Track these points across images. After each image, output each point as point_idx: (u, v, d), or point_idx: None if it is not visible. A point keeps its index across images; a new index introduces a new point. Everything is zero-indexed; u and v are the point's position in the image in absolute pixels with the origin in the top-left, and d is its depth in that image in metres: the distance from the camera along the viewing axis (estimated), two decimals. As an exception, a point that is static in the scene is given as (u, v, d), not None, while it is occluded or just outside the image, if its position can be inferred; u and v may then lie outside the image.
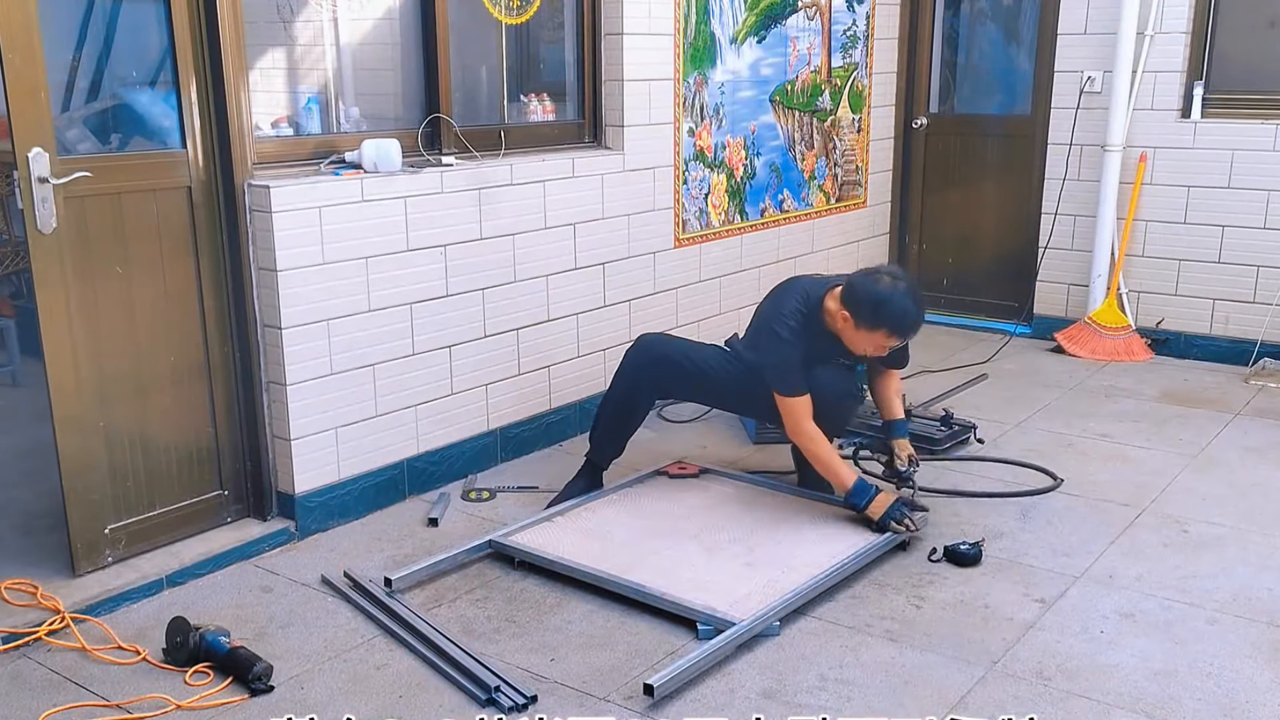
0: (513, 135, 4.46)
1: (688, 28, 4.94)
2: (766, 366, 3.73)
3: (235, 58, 3.47)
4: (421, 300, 3.97)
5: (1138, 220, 5.89)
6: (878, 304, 3.56)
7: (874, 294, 3.57)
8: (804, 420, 3.67)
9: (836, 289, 3.67)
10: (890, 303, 3.55)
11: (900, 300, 3.56)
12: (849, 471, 3.71)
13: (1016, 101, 6.53)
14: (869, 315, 3.57)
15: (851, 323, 3.60)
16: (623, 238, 4.78)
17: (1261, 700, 2.81)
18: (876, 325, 3.58)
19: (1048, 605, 3.30)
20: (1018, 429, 4.81)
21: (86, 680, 2.90)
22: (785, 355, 3.67)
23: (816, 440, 3.69)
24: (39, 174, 3.07)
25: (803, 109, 5.77)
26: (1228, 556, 3.61)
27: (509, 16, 4.47)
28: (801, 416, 3.67)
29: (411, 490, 4.06)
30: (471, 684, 2.85)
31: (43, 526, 3.69)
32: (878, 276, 3.64)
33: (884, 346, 3.66)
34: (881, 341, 3.63)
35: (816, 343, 3.69)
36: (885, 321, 3.57)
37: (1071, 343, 5.98)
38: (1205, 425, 4.85)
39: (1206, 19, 5.68)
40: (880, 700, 2.82)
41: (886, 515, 3.60)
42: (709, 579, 3.34)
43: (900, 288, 3.58)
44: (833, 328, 3.67)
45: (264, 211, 3.51)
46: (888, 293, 3.56)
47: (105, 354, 3.33)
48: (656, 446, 4.54)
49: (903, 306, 3.56)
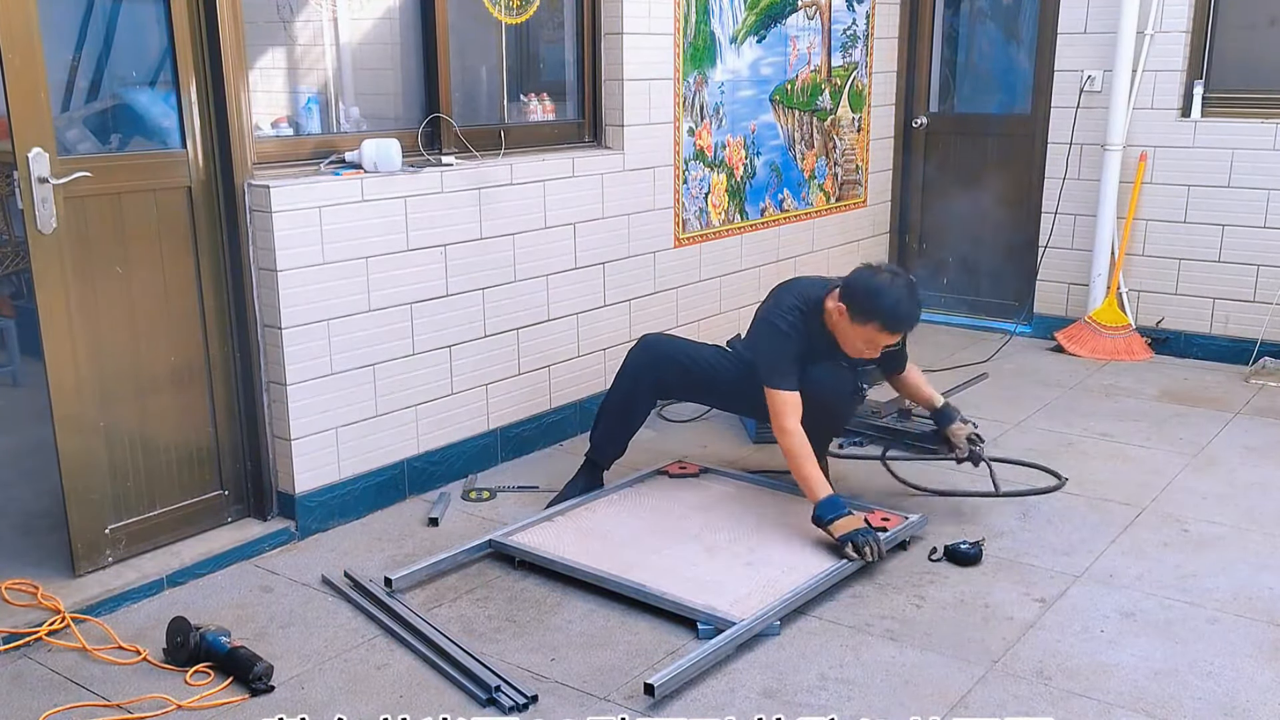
0: (513, 135, 4.46)
1: (687, 27, 4.94)
2: (759, 357, 3.70)
3: (235, 57, 3.46)
4: (421, 300, 3.96)
5: (1138, 219, 5.89)
6: (871, 295, 3.53)
7: (870, 285, 3.55)
8: (788, 418, 3.58)
9: (836, 290, 3.66)
10: (885, 294, 3.52)
11: (895, 293, 3.53)
12: (823, 485, 3.55)
13: (1016, 100, 6.53)
14: (862, 306, 3.53)
15: (846, 315, 3.57)
16: (623, 237, 4.78)
17: (1261, 700, 2.82)
18: (870, 317, 3.53)
19: (1048, 605, 3.30)
20: (1018, 428, 4.81)
21: (87, 680, 2.90)
22: (778, 347, 3.64)
23: (797, 441, 3.56)
24: (39, 174, 3.07)
25: (803, 108, 5.77)
26: (1228, 556, 3.61)
27: (509, 16, 4.47)
28: (786, 413, 3.59)
29: (411, 490, 4.06)
30: (472, 684, 2.85)
31: (43, 526, 3.69)
32: (876, 271, 3.63)
33: (876, 343, 3.61)
34: (873, 336, 3.57)
35: (815, 343, 3.67)
36: (878, 313, 3.52)
37: (1072, 342, 5.98)
38: (1205, 424, 4.85)
39: (1206, 18, 5.68)
40: (880, 700, 2.82)
41: (847, 537, 3.42)
42: (709, 579, 3.34)
43: (898, 282, 3.57)
44: (831, 328, 3.66)
45: (264, 211, 3.50)
46: (884, 285, 3.54)
47: (105, 354, 3.33)
48: (656, 446, 4.54)
49: (896, 298, 3.52)
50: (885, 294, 3.53)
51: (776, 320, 3.66)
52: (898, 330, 3.61)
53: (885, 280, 3.56)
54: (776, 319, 3.66)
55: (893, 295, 3.53)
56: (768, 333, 3.68)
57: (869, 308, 3.53)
